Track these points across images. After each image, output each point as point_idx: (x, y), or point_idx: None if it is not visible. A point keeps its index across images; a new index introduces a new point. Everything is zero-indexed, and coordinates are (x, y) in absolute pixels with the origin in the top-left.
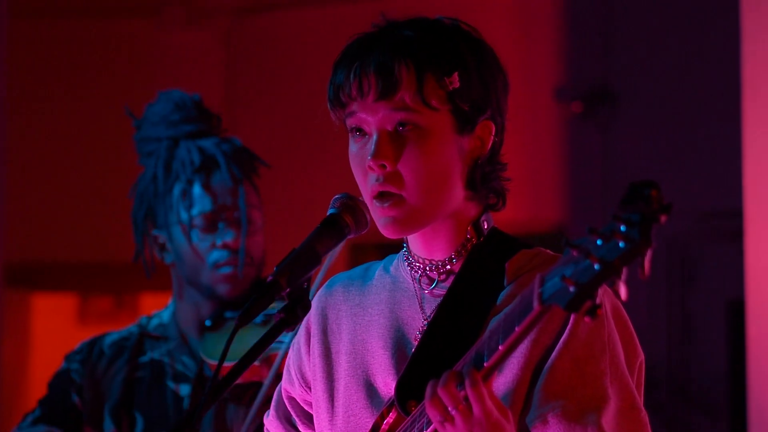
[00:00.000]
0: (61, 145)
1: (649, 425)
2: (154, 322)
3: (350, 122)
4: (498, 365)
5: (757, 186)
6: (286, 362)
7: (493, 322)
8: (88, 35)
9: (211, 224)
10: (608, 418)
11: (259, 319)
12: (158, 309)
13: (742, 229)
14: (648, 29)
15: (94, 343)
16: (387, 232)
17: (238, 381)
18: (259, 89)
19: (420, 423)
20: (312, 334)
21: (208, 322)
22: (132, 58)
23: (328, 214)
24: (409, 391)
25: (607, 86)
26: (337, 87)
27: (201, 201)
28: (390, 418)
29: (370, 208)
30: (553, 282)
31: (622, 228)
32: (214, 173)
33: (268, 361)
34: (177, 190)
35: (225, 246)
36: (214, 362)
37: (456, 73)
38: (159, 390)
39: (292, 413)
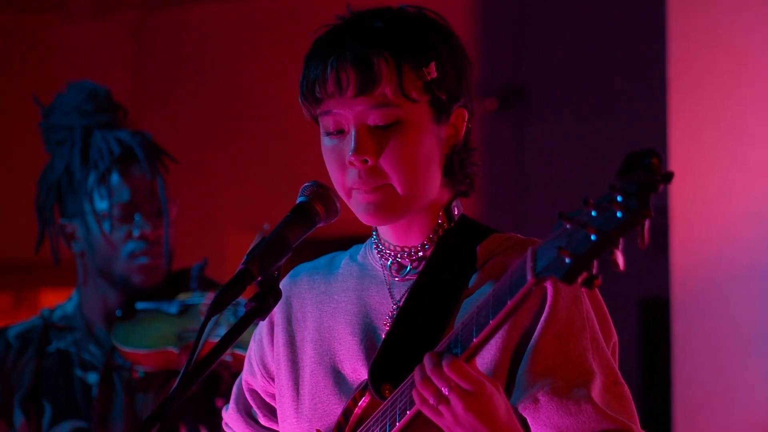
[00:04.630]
0: None
1: (631, 398)
2: (58, 313)
3: (326, 118)
4: (487, 340)
5: (682, 185)
6: (247, 354)
7: (467, 304)
8: None
9: (127, 215)
10: (596, 393)
11: (174, 309)
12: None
13: (657, 228)
14: (560, 26)
15: None
16: (369, 219)
17: (149, 369)
18: (167, 83)
19: (402, 403)
20: (275, 323)
21: (119, 312)
22: (39, 51)
23: (297, 202)
24: (382, 375)
25: (521, 83)
26: (312, 82)
27: (119, 191)
28: (363, 402)
29: (346, 200)
30: (547, 254)
31: (619, 198)
32: (132, 164)
33: (187, 349)
34: (93, 178)
35: (142, 236)
36: (126, 349)
37: (433, 63)
38: (66, 379)
39: (253, 406)
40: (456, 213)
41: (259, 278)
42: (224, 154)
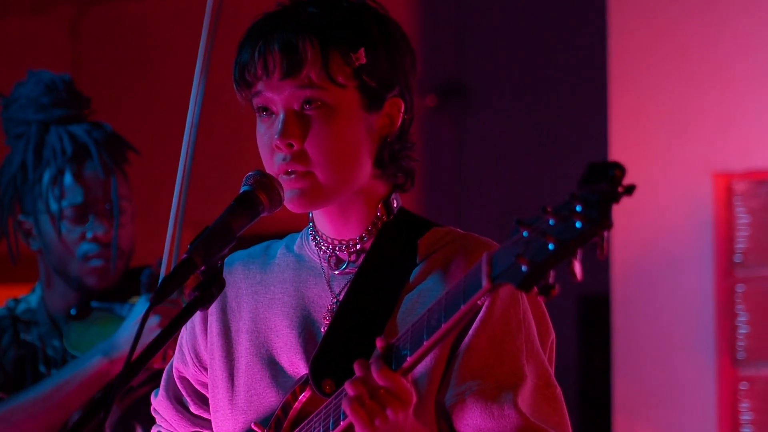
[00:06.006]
0: None
1: (563, 401)
2: (22, 306)
3: (256, 102)
4: (438, 343)
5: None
6: (179, 341)
7: (408, 300)
8: None
9: (81, 216)
10: (524, 396)
11: (126, 312)
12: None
13: None
14: (500, 22)
15: None
16: (293, 206)
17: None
18: (105, 77)
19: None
20: (210, 312)
21: (73, 311)
22: None
23: (241, 191)
24: (324, 370)
25: (460, 80)
26: (242, 66)
27: (72, 192)
28: (303, 397)
29: None
30: (503, 260)
31: (578, 208)
32: (86, 163)
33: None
34: (47, 177)
35: (95, 239)
36: (77, 354)
37: (362, 49)
38: (33, 374)
39: (184, 393)
40: (395, 206)
41: (203, 268)
42: (165, 149)
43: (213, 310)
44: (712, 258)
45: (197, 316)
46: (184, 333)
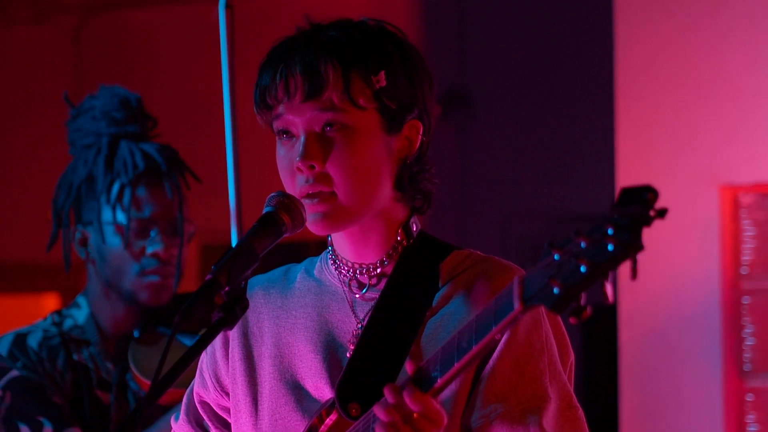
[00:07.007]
0: None
1: (585, 422)
2: (69, 322)
3: (277, 125)
4: (469, 365)
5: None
6: (199, 366)
7: (432, 324)
8: None
9: (143, 230)
10: (549, 418)
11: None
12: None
13: None
14: (503, 32)
15: (18, 346)
16: (316, 229)
17: (161, 402)
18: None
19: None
20: (231, 337)
21: (136, 333)
22: None
23: (264, 212)
24: (350, 394)
25: (464, 88)
26: (263, 89)
27: (139, 206)
28: (330, 420)
29: None
30: (535, 282)
31: (610, 231)
32: (155, 180)
33: None
34: (116, 188)
35: (155, 255)
36: (146, 380)
37: (382, 72)
38: (89, 397)
39: (205, 418)
40: (414, 230)
41: (227, 288)
42: None
43: (234, 334)
44: (719, 270)
45: (218, 341)
46: (204, 358)
